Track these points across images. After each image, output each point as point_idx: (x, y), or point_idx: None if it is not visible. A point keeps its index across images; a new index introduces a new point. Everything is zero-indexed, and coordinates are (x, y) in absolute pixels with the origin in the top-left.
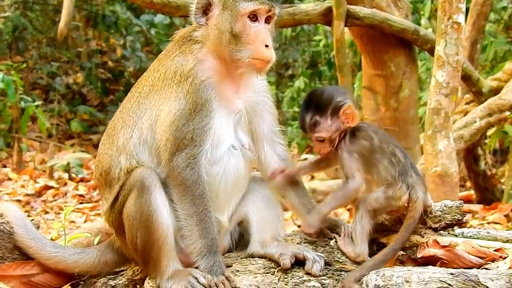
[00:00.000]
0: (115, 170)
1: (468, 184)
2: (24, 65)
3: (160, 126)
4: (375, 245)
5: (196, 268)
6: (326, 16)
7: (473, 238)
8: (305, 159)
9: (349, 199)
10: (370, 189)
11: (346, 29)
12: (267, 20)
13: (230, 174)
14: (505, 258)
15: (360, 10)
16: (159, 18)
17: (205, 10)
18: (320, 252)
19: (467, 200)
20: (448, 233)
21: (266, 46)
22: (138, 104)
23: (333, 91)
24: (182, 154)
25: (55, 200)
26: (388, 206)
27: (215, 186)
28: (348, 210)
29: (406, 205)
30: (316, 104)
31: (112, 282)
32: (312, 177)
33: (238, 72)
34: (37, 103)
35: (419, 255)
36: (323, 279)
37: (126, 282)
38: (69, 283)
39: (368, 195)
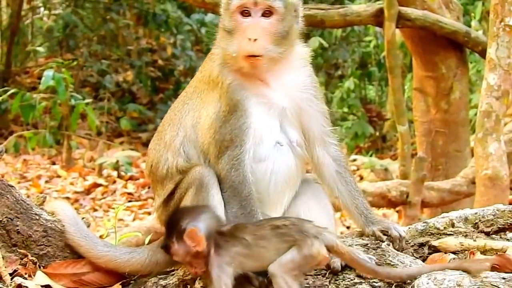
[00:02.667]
0: (162, 166)
1: None
2: (75, 62)
3: (201, 129)
4: (426, 248)
5: None
6: (378, 17)
7: None
8: (355, 160)
9: None
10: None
11: (397, 30)
12: (266, 15)
13: (280, 172)
14: None
15: (412, 11)
16: (209, 17)
17: None
18: (372, 255)
19: None
20: (500, 237)
21: (255, 40)
22: (183, 103)
23: (182, 213)
24: (224, 157)
25: (103, 198)
26: (306, 264)
27: (265, 184)
28: (397, 211)
29: (327, 255)
30: (167, 227)
31: (162, 282)
32: (361, 178)
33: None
34: (87, 100)
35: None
36: (375, 282)
37: (177, 282)
38: (120, 282)
39: (279, 260)
